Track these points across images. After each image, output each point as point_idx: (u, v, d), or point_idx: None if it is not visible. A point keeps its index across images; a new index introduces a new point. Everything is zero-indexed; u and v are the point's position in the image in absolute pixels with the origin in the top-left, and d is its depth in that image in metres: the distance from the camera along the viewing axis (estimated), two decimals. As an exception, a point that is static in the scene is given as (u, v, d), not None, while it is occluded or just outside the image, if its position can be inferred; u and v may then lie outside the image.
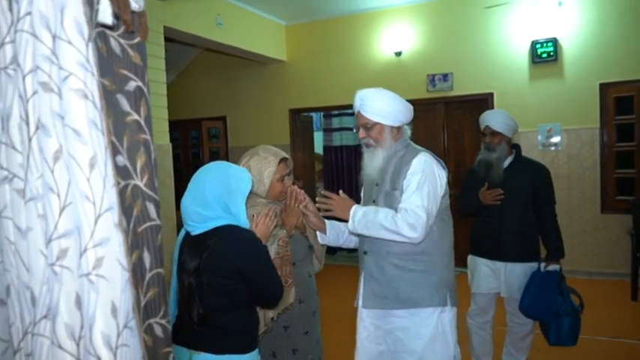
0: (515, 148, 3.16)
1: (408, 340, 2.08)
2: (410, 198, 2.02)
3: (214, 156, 7.82)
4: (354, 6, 6.45)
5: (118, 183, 0.94)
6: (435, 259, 2.11)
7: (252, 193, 2.16)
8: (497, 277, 3.09)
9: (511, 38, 5.85)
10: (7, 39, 0.93)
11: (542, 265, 3.03)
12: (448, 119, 6.38)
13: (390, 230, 1.99)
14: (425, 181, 2.03)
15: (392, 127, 2.13)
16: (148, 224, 1.00)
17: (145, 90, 1.00)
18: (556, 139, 5.77)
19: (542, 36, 5.66)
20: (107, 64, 0.92)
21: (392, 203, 2.08)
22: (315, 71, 6.99)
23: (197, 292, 1.72)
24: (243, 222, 1.79)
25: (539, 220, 3.06)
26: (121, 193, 0.94)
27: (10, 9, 0.92)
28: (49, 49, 0.88)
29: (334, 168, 7.54)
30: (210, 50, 7.02)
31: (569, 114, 5.66)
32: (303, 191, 2.22)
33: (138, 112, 0.98)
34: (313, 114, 7.90)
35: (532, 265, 3.05)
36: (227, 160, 7.68)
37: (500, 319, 3.33)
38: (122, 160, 0.95)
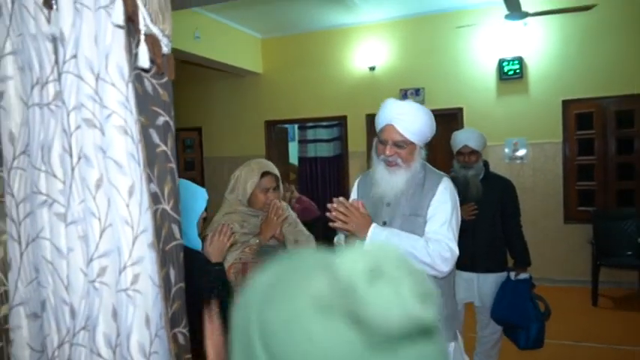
0: (485, 164, 3.32)
1: None
2: (442, 229, 1.90)
3: (189, 166, 7.86)
4: (330, 22, 6.63)
5: (150, 208, 1.05)
6: (447, 291, 2.00)
7: (235, 200, 2.32)
8: (470, 289, 3.23)
9: (480, 56, 6.13)
10: (51, 78, 1.04)
11: (512, 274, 3.20)
12: (420, 132, 6.60)
13: (421, 261, 1.83)
14: (453, 211, 1.93)
15: (420, 148, 1.98)
16: (173, 243, 1.12)
17: (172, 124, 1.11)
18: (522, 153, 6.06)
19: (508, 54, 5.95)
20: (143, 103, 1.04)
21: (413, 229, 1.92)
22: (290, 84, 7.14)
23: None
24: (192, 240, 1.82)
25: (506, 231, 3.24)
26: (153, 217, 1.06)
27: (55, 51, 1.03)
28: (92, 89, 1.00)
29: (309, 178, 7.70)
30: (186, 62, 7.09)
31: (533, 129, 5.96)
32: (285, 205, 2.36)
33: (166, 144, 1.10)
34: (288, 125, 8.04)
35: (502, 275, 3.22)
36: (202, 170, 7.74)
37: (469, 326, 3.47)
38: (153, 187, 1.07)
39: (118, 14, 0.97)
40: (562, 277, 5.85)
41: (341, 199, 1.86)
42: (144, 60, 1.00)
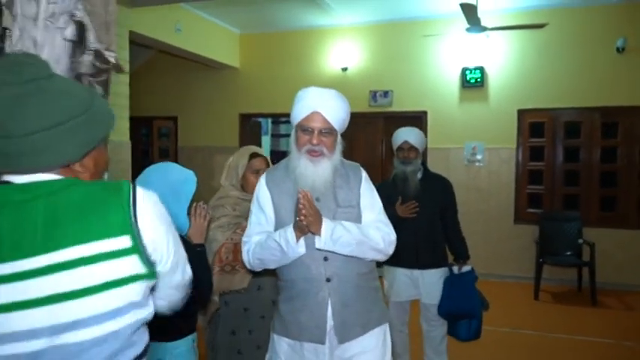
0: (423, 164, 3.39)
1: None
2: (380, 216, 1.96)
3: (163, 154, 8.07)
4: (306, 22, 6.93)
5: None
6: (376, 275, 2.05)
7: (229, 186, 2.49)
8: (415, 286, 3.28)
9: (444, 64, 6.53)
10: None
11: (455, 268, 3.33)
12: (386, 132, 6.96)
13: (375, 247, 1.88)
14: (378, 197, 2.01)
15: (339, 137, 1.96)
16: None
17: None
18: (479, 156, 6.49)
19: (471, 64, 6.37)
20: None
21: (354, 221, 1.91)
22: (266, 79, 7.42)
23: None
24: (182, 221, 1.92)
25: (446, 227, 3.35)
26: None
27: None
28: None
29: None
30: (164, 52, 7.29)
31: (491, 134, 6.39)
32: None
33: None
34: (262, 119, 8.32)
35: (445, 270, 3.31)
36: (176, 158, 7.96)
37: (415, 323, 3.54)
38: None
39: (70, 32, 1.29)
40: (509, 273, 6.31)
41: (309, 194, 1.75)
42: (86, 67, 1.30)
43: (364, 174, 2.00)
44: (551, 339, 4.43)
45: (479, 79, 6.35)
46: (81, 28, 1.27)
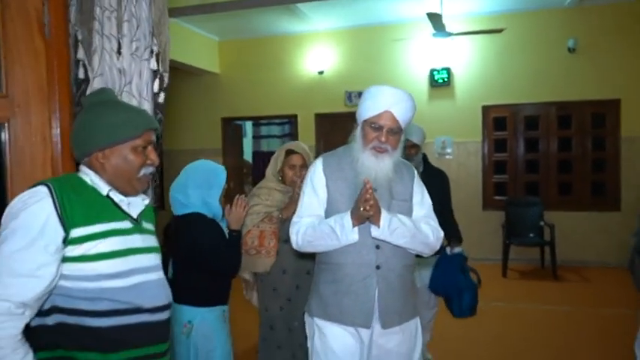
0: (424, 157, 3.57)
1: (403, 353, 2.01)
2: (431, 213, 2.07)
3: (148, 158, 8.33)
4: (283, 29, 7.35)
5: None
6: (413, 269, 2.13)
7: (270, 176, 2.76)
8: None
9: (414, 65, 7.05)
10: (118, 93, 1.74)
11: (448, 249, 3.42)
12: (362, 130, 7.45)
13: (426, 243, 1.98)
14: (428, 195, 2.11)
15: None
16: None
17: (162, 118, 1.82)
18: (449, 150, 7.03)
19: (438, 65, 6.90)
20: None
21: (405, 213, 1.99)
22: (245, 84, 7.80)
23: (169, 257, 2.32)
24: (215, 210, 2.27)
25: (441, 215, 3.48)
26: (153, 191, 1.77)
27: (120, 79, 1.72)
28: (137, 101, 1.70)
29: (262, 171, 8.37)
30: (148, 60, 7.59)
31: (458, 129, 6.94)
32: None
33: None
34: (242, 122, 8.69)
35: (437, 256, 3.36)
36: (161, 162, 8.24)
37: None
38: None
39: (153, 63, 1.70)
40: (480, 255, 6.82)
41: (369, 185, 1.81)
42: (156, 87, 1.71)
43: (416, 172, 2.10)
44: (519, 309, 4.98)
45: (445, 79, 6.88)
46: (156, 58, 1.68)
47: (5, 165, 1.45)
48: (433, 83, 6.93)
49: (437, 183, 3.37)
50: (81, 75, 1.71)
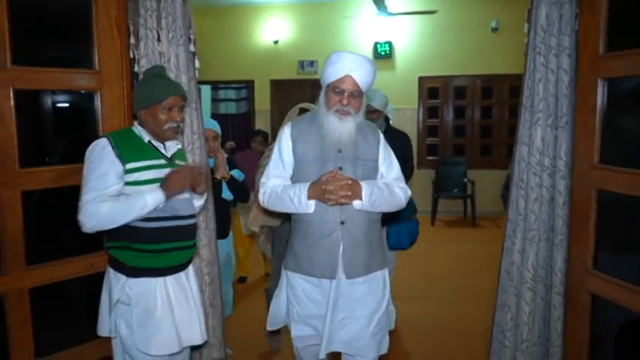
0: (386, 120, 3.75)
1: (369, 302, 2.09)
2: (399, 174, 2.17)
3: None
4: None
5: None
6: (380, 224, 2.21)
7: None
8: None
9: (360, 38, 7.86)
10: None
11: None
12: (313, 96, 8.16)
13: (399, 205, 2.11)
14: (394, 156, 2.20)
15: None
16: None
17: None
18: (390, 116, 7.93)
19: (381, 39, 7.74)
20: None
21: (368, 172, 2.09)
22: (205, 51, 8.31)
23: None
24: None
25: (403, 171, 3.57)
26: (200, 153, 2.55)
27: (160, 60, 2.46)
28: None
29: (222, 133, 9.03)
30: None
31: (398, 97, 7.82)
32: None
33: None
34: (202, 86, 9.24)
35: None
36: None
37: None
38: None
39: (193, 50, 2.45)
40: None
41: (337, 176, 1.94)
42: (197, 64, 2.47)
43: (381, 135, 2.18)
44: (443, 249, 6.08)
45: (387, 52, 7.75)
46: (194, 43, 2.41)
47: (98, 118, 2.16)
48: (377, 55, 7.77)
49: (399, 144, 3.38)
50: (131, 55, 2.42)
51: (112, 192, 1.87)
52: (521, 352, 2.34)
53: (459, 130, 8.00)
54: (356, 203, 1.98)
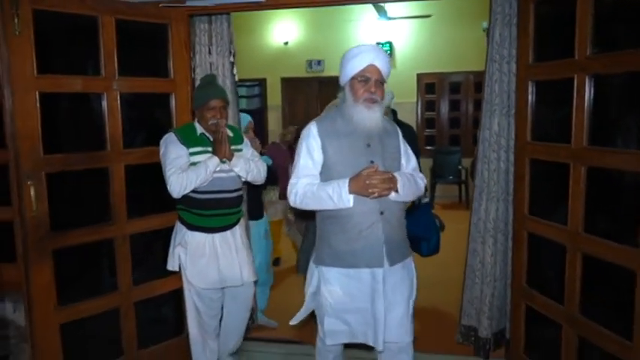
0: (393, 112, 4.05)
1: (405, 287, 2.18)
2: (416, 162, 2.31)
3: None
4: (254, 5, 8.68)
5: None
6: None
7: None
8: None
9: (362, 39, 8.56)
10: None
11: (417, 200, 3.46)
12: (321, 93, 9.00)
13: (419, 194, 2.26)
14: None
15: None
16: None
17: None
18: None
19: (382, 39, 8.50)
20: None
21: (396, 165, 2.17)
22: (221, 51, 9.12)
23: None
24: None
25: None
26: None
27: (210, 69, 3.25)
28: (230, 84, 3.24)
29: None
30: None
31: (398, 92, 8.34)
32: None
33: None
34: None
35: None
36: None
37: None
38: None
39: (232, 60, 3.23)
40: (413, 193, 8.71)
41: (378, 170, 2.01)
42: (235, 71, 3.25)
43: (398, 128, 2.31)
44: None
45: (388, 51, 8.50)
46: (233, 56, 3.20)
47: (173, 113, 2.95)
48: (378, 54, 8.52)
49: (407, 137, 3.39)
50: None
51: (184, 166, 2.57)
52: (486, 284, 3.12)
53: (454, 121, 8.78)
54: (392, 195, 2.05)
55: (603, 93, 2.20)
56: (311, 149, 2.12)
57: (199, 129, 2.70)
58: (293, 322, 2.30)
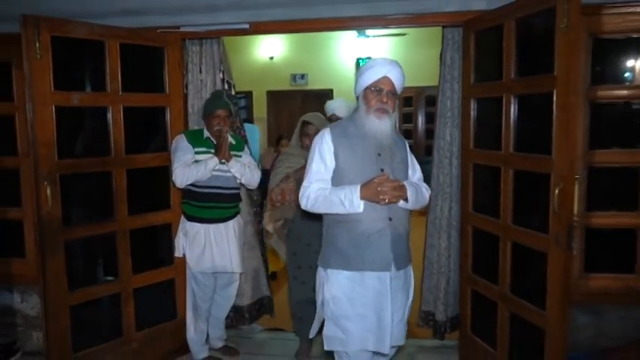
0: None
1: (405, 293, 2.27)
2: (420, 172, 2.40)
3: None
4: (241, 22, 9.15)
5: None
6: None
7: (294, 143, 3.43)
8: None
9: (344, 55, 9.12)
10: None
11: None
12: (304, 105, 9.43)
13: (425, 203, 2.34)
14: None
15: None
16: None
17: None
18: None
19: (362, 55, 9.00)
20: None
21: (404, 174, 2.25)
22: (210, 65, 9.56)
23: None
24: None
25: None
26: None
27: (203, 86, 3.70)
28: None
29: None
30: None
31: (377, 105, 9.11)
32: None
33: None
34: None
35: None
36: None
37: None
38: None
39: (222, 77, 3.68)
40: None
41: (388, 178, 2.07)
42: (226, 86, 3.70)
43: (405, 139, 2.41)
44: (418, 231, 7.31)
45: (368, 66, 9.00)
46: (222, 74, 3.64)
47: (168, 124, 3.39)
48: (359, 68, 8.99)
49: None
50: (183, 82, 3.66)
51: (189, 162, 3.06)
52: (442, 274, 3.58)
53: (429, 133, 9.28)
54: (401, 202, 2.13)
55: (525, 109, 2.70)
56: (323, 155, 2.19)
57: (206, 133, 3.20)
58: (311, 335, 2.39)
